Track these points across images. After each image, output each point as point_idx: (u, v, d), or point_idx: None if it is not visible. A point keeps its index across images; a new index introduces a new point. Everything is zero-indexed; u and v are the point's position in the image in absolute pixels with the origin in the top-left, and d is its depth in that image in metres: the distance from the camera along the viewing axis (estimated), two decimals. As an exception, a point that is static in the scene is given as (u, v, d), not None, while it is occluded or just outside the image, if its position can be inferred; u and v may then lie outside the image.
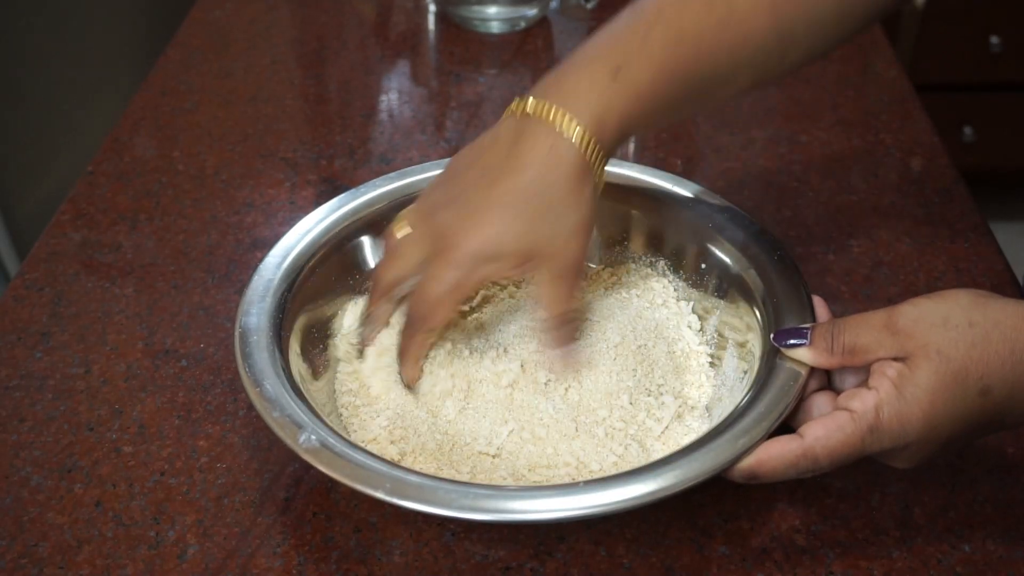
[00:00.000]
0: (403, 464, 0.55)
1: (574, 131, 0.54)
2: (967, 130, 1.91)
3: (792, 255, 0.61)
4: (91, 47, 1.54)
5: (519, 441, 0.56)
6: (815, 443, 0.49)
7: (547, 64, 1.01)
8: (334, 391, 0.61)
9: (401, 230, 0.58)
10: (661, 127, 0.59)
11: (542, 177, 0.55)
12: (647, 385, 0.60)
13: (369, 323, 0.61)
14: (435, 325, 0.58)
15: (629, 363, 0.61)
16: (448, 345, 0.61)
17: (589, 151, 0.54)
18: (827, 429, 0.49)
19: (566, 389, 0.59)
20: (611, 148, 0.56)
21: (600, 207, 0.59)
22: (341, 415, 0.59)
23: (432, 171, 0.69)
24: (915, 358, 0.49)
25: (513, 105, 0.57)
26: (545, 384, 0.59)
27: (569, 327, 0.59)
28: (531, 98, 0.56)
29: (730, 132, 0.89)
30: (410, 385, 0.60)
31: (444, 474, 0.55)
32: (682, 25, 0.56)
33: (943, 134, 0.89)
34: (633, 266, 0.68)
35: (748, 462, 0.50)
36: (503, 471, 0.55)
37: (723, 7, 0.56)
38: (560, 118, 0.54)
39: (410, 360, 0.59)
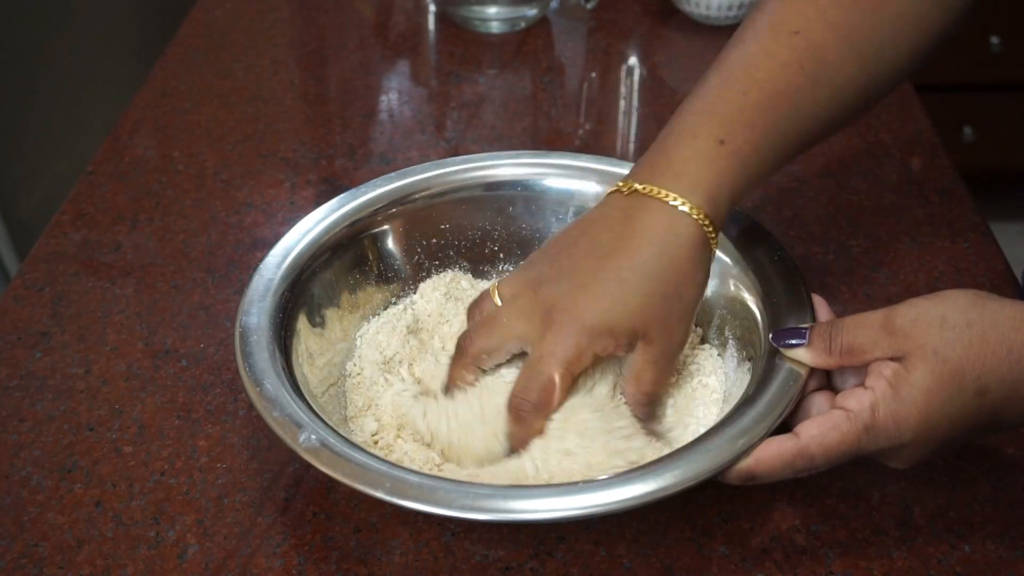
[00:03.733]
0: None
1: (690, 208, 0.53)
2: (967, 130, 1.91)
3: (792, 255, 0.61)
4: (91, 47, 1.54)
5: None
6: (811, 441, 0.49)
7: (547, 64, 1.01)
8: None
9: (498, 299, 0.55)
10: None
11: (660, 255, 0.53)
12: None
13: (452, 390, 0.57)
14: (551, 408, 0.53)
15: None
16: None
17: (706, 225, 0.53)
18: (823, 428, 0.49)
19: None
20: (722, 217, 0.55)
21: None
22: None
23: (432, 171, 0.69)
24: (912, 358, 0.49)
25: (620, 185, 0.55)
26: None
27: (647, 409, 0.56)
28: (637, 181, 0.54)
29: (730, 132, 0.89)
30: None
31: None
32: (776, 87, 0.55)
33: (943, 134, 0.89)
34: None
35: (746, 462, 0.50)
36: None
37: (813, 64, 0.55)
38: (677, 199, 0.53)
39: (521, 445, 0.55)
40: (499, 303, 0.55)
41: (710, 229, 0.54)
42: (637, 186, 0.54)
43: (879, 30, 0.56)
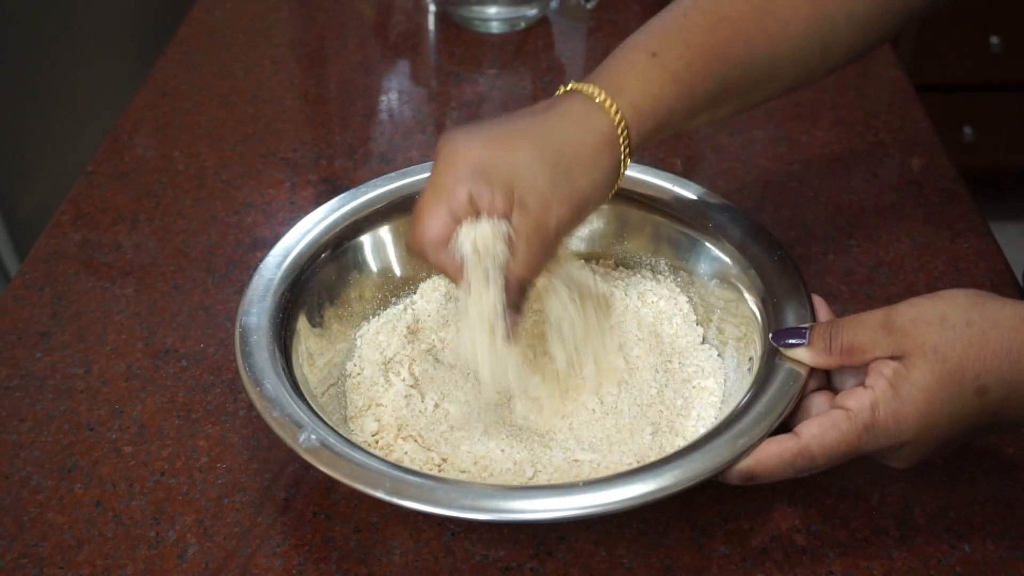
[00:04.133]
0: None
1: (611, 105, 0.54)
2: (967, 130, 1.91)
3: (792, 255, 0.61)
4: (91, 47, 1.54)
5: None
6: (811, 441, 0.49)
7: (547, 64, 1.01)
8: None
9: None
10: (700, 122, 0.60)
11: (565, 130, 0.54)
12: (646, 388, 0.60)
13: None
14: (429, 236, 0.54)
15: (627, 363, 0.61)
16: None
17: (620, 126, 0.54)
18: (823, 427, 0.49)
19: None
20: (644, 134, 0.55)
21: (600, 207, 0.59)
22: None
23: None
24: (912, 357, 0.49)
25: (560, 88, 0.57)
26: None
27: (515, 296, 0.54)
28: (575, 82, 0.56)
29: (730, 132, 0.89)
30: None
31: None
32: (719, 10, 0.56)
33: (943, 134, 0.89)
34: (633, 266, 0.68)
35: (746, 463, 0.50)
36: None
37: None
38: (598, 93, 0.54)
39: (449, 275, 0.55)
40: None
41: (624, 133, 0.54)
42: (572, 84, 0.56)
43: None
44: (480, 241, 0.52)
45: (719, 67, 0.56)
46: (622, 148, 0.55)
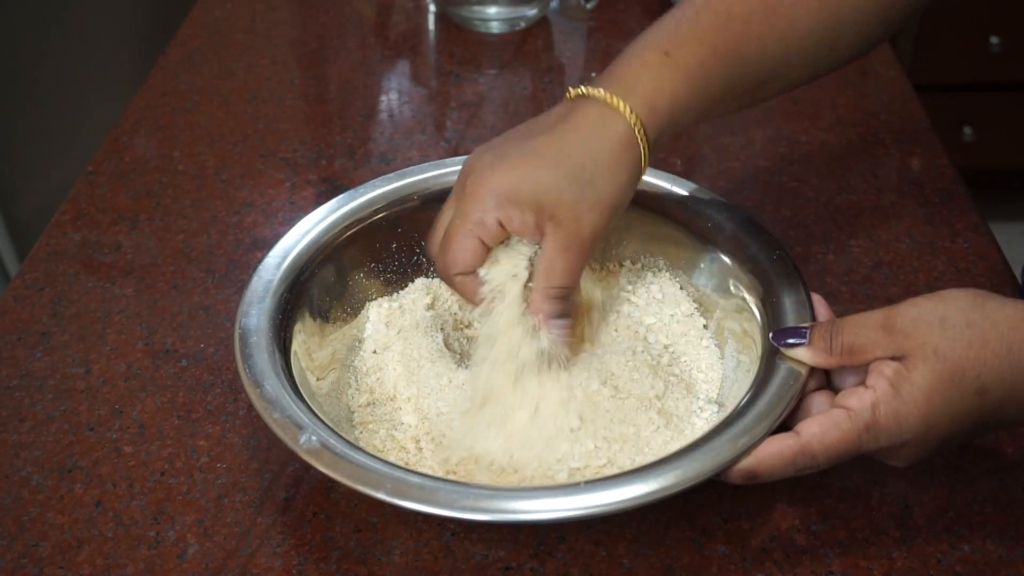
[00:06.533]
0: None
1: (624, 107, 0.54)
2: (967, 130, 1.91)
3: (792, 255, 0.61)
4: (91, 47, 1.54)
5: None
6: (812, 439, 0.49)
7: (547, 64, 1.01)
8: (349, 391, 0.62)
9: None
10: (714, 117, 0.60)
11: (584, 140, 0.54)
12: (648, 389, 0.60)
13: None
14: (460, 266, 0.55)
15: (627, 364, 0.61)
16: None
17: (638, 127, 0.54)
18: (823, 426, 0.49)
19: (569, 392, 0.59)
20: (661, 131, 0.56)
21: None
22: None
23: (432, 171, 0.69)
24: (912, 358, 0.49)
25: (569, 92, 0.57)
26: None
27: (561, 304, 0.55)
28: (585, 85, 0.56)
29: (730, 132, 0.89)
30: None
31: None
32: (730, 9, 0.56)
33: (943, 134, 0.89)
34: (632, 266, 0.68)
35: (747, 462, 0.50)
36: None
37: None
38: (612, 97, 0.54)
39: (468, 298, 0.57)
40: None
41: (641, 132, 0.55)
42: (582, 89, 0.56)
43: None
44: (510, 266, 0.56)
45: (732, 65, 0.56)
46: (642, 147, 0.55)
